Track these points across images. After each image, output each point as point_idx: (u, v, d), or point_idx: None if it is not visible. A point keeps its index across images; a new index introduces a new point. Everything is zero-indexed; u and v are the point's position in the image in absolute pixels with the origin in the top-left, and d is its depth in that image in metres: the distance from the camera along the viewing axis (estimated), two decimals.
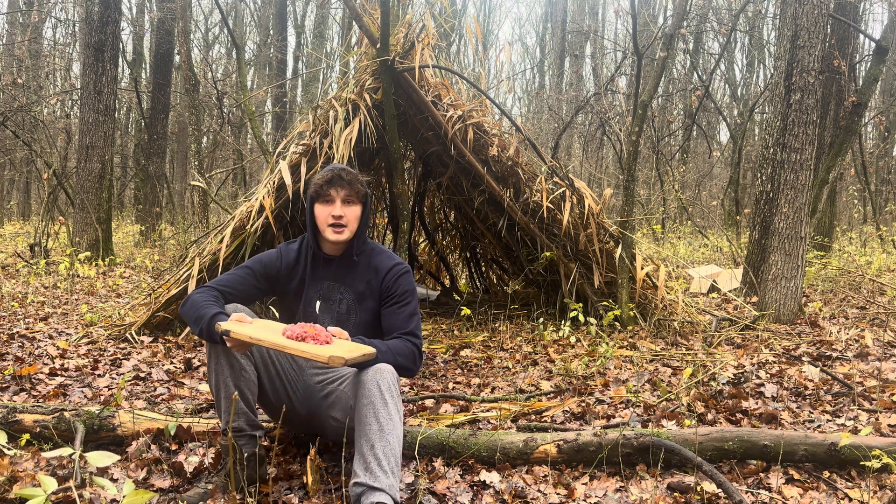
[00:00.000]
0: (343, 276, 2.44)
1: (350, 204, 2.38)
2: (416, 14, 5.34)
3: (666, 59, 5.61)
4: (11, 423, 2.63)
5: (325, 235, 2.39)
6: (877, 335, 4.82)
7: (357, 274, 2.44)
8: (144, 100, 14.60)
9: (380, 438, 2.03)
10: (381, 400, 2.08)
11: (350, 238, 2.41)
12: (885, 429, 2.85)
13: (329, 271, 2.45)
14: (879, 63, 7.33)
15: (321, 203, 2.38)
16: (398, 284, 2.40)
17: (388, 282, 2.41)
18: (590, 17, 22.62)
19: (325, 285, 2.45)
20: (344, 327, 2.34)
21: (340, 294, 2.44)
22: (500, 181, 5.25)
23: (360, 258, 2.46)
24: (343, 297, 2.44)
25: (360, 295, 2.43)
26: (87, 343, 4.49)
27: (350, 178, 2.37)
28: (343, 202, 2.36)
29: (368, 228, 2.51)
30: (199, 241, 5.79)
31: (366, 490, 1.97)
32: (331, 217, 2.36)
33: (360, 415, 2.09)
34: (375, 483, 1.97)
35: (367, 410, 2.07)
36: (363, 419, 2.07)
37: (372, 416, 2.06)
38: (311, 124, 5.11)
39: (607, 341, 4.46)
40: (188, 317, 2.25)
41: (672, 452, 2.40)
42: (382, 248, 2.53)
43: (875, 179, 14.60)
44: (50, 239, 9.31)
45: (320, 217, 2.39)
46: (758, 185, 6.55)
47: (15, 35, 14.12)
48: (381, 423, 2.05)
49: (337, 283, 2.44)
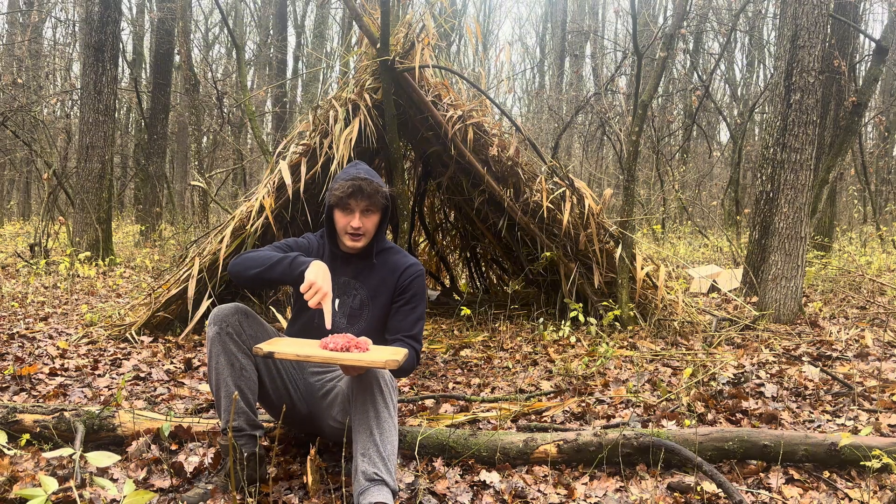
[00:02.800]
0: (359, 272, 2.49)
1: (369, 214, 2.41)
2: (416, 14, 5.34)
3: (666, 59, 5.60)
4: (11, 423, 2.62)
5: (343, 241, 2.43)
6: (877, 335, 4.82)
7: (374, 271, 2.49)
8: (144, 100, 14.60)
9: (380, 434, 2.06)
10: (381, 396, 2.11)
11: (367, 243, 2.45)
12: (885, 429, 2.85)
13: (347, 268, 2.49)
14: (879, 63, 7.33)
15: (340, 211, 2.41)
16: (412, 286, 2.47)
17: (404, 281, 2.47)
18: (590, 17, 22.62)
19: (341, 280, 2.49)
20: (356, 322, 2.44)
21: (355, 290, 2.48)
22: (500, 181, 5.25)
23: (378, 257, 2.51)
24: (357, 293, 2.48)
25: (374, 291, 2.47)
26: (87, 343, 4.49)
27: (371, 191, 2.37)
28: (362, 213, 2.39)
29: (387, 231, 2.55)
30: (199, 241, 5.79)
31: (369, 486, 1.99)
32: (350, 227, 2.39)
33: (359, 412, 2.11)
34: (378, 477, 2.00)
35: (367, 407, 2.09)
36: (363, 416, 2.09)
37: (372, 412, 2.08)
38: (311, 124, 5.11)
39: (607, 341, 4.46)
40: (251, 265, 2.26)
41: (672, 452, 2.40)
42: (399, 248, 2.58)
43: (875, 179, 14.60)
44: (50, 239, 9.31)
45: (339, 224, 2.43)
46: (758, 185, 6.54)
47: (15, 35, 14.12)
48: (381, 419, 2.08)
49: (353, 279, 2.49)
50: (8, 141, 14.20)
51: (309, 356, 2.01)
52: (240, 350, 2.22)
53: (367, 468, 2.01)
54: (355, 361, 2.00)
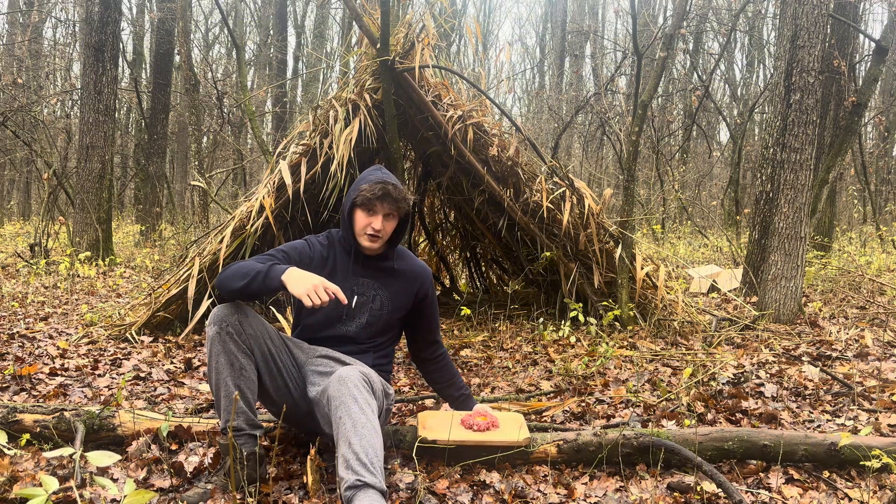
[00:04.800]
0: (378, 274, 2.54)
1: (391, 219, 2.46)
2: (416, 14, 5.34)
3: (666, 59, 5.61)
4: (11, 423, 2.63)
5: (360, 241, 2.47)
6: (877, 335, 4.83)
7: (392, 274, 2.55)
8: (144, 100, 14.60)
9: (354, 434, 2.04)
10: (351, 397, 2.10)
11: (382, 245, 2.50)
12: (885, 429, 2.85)
13: (367, 269, 2.53)
14: (879, 63, 7.34)
15: (363, 211, 2.43)
16: (431, 291, 2.62)
17: (425, 288, 2.60)
18: (590, 17, 22.62)
19: (359, 281, 2.52)
20: (376, 323, 2.52)
21: (374, 291, 2.53)
22: (500, 181, 5.25)
23: (395, 260, 2.57)
24: (377, 294, 2.53)
25: (394, 295, 2.54)
26: (88, 343, 4.49)
27: (398, 197, 2.43)
28: (385, 217, 2.44)
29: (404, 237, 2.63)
30: (199, 241, 5.79)
31: (354, 493, 1.95)
32: (370, 227, 2.42)
33: (334, 418, 2.11)
34: (361, 482, 1.96)
35: (339, 412, 2.09)
36: (337, 421, 2.09)
37: (345, 414, 2.08)
38: (311, 124, 5.11)
39: (607, 341, 4.46)
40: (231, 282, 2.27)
41: (672, 452, 2.40)
42: (406, 250, 2.66)
43: (875, 179, 14.61)
44: (50, 239, 9.31)
45: (359, 223, 2.45)
46: (758, 185, 6.55)
47: (15, 35, 14.12)
48: (354, 419, 2.07)
49: (373, 280, 2.53)
50: (8, 141, 14.20)
51: (463, 441, 2.36)
52: (239, 350, 2.22)
53: (349, 477, 1.97)
54: (498, 443, 2.35)
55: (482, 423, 2.42)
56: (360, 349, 2.52)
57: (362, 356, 2.51)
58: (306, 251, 2.52)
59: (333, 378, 2.18)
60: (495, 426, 2.45)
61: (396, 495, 2.25)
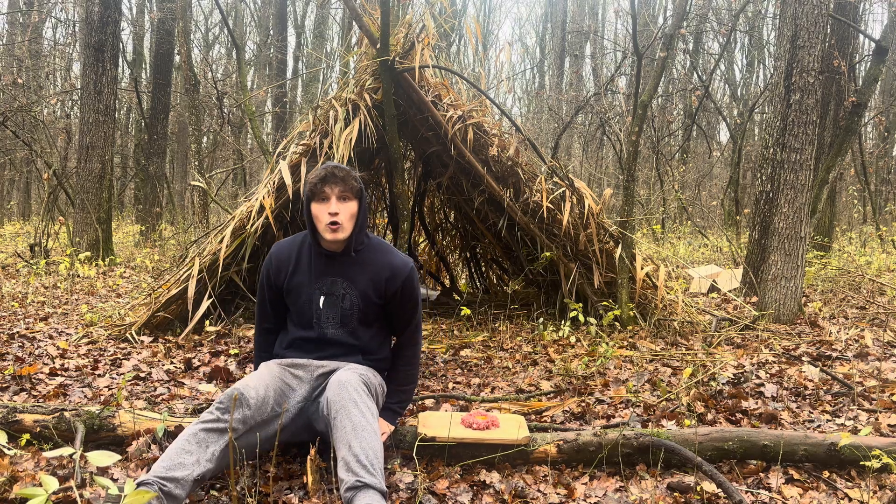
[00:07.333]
0: (345, 271, 2.47)
1: (345, 200, 2.39)
2: (416, 14, 5.34)
3: (666, 59, 5.61)
4: (11, 423, 2.62)
5: (323, 235, 2.41)
6: (877, 335, 4.83)
7: (360, 269, 2.47)
8: (144, 100, 14.60)
9: (355, 436, 2.05)
10: (351, 401, 2.11)
11: (348, 236, 2.42)
12: (885, 429, 2.85)
13: (332, 267, 2.47)
14: (879, 63, 7.33)
15: (317, 202, 2.40)
16: (406, 289, 2.50)
17: (396, 283, 2.46)
18: (590, 17, 22.62)
19: (327, 281, 2.47)
20: (347, 323, 2.45)
21: (343, 289, 2.47)
22: (499, 181, 5.25)
23: (363, 254, 2.48)
24: (346, 293, 2.46)
25: (363, 291, 2.46)
26: (87, 343, 4.49)
27: (343, 175, 2.39)
28: (338, 199, 2.38)
29: (368, 225, 2.59)
30: (199, 241, 5.79)
31: (354, 494, 1.97)
32: (327, 215, 2.37)
33: (334, 422, 2.12)
34: (360, 483, 1.98)
35: (339, 416, 2.10)
36: (337, 425, 2.10)
37: (345, 418, 2.09)
38: (311, 124, 5.11)
39: (607, 341, 4.46)
40: None
41: (672, 452, 2.40)
42: (388, 246, 2.55)
43: (875, 179, 14.61)
44: (50, 239, 9.31)
45: (317, 216, 2.40)
46: (758, 185, 6.55)
47: (15, 35, 14.12)
48: (354, 422, 2.08)
49: (339, 278, 2.47)
50: (8, 141, 14.20)
51: (462, 438, 2.41)
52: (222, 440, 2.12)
53: (349, 479, 1.99)
54: (498, 441, 2.40)
55: (482, 422, 2.45)
56: (344, 350, 2.48)
57: (349, 357, 2.48)
58: (271, 269, 2.54)
59: (332, 382, 2.18)
60: (495, 425, 2.47)
61: (396, 495, 2.25)
